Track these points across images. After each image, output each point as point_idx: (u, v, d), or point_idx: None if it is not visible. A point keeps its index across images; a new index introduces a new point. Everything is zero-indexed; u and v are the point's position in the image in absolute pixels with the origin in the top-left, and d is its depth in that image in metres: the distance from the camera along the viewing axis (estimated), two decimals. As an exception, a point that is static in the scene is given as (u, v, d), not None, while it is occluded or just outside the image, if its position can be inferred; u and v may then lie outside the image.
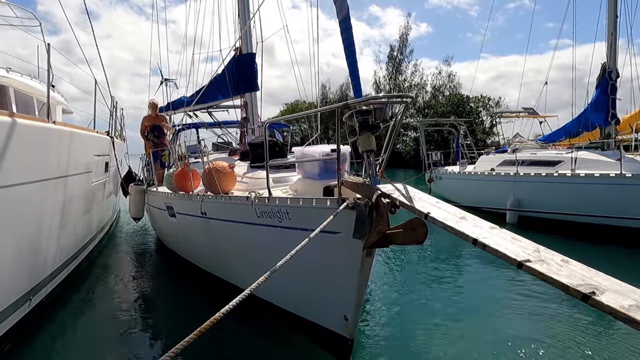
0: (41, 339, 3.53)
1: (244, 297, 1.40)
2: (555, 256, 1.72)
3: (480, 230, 1.92)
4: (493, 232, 1.92)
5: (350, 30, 3.58)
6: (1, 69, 5.90)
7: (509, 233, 1.91)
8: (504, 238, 1.87)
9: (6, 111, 3.35)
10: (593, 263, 1.71)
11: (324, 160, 3.19)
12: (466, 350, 3.16)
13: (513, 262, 1.66)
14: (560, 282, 1.53)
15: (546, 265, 1.63)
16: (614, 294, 1.47)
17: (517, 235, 1.94)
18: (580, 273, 1.59)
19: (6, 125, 3.10)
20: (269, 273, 1.58)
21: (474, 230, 1.91)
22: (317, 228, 2.04)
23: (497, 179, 8.92)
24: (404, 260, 5.91)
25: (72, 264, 4.96)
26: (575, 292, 1.49)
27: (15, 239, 3.38)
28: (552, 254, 1.76)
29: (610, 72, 9.05)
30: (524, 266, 1.63)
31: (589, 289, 1.49)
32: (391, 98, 2.46)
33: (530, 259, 1.68)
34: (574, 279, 1.54)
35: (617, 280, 1.57)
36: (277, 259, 1.69)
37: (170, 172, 5.08)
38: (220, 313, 1.28)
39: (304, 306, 3.23)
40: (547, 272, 1.59)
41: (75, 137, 4.60)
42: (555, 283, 1.54)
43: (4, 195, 3.11)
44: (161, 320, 4.07)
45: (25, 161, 3.43)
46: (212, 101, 7.18)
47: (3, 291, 3.19)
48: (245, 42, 6.45)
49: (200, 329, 1.22)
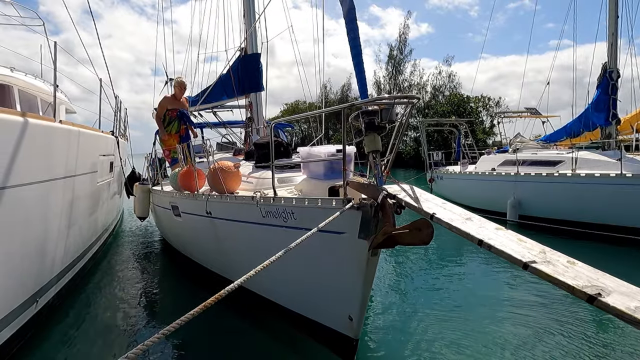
0: (48, 341, 3.54)
1: (236, 287, 1.49)
2: (561, 257, 1.73)
3: (486, 232, 1.94)
4: (498, 234, 1.94)
5: (356, 32, 3.58)
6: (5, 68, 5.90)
7: (515, 234, 1.93)
8: (510, 239, 1.88)
9: (18, 111, 3.35)
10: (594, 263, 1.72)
11: (329, 161, 3.20)
12: (472, 351, 3.17)
13: (519, 263, 1.68)
14: (566, 283, 1.54)
15: (552, 267, 1.65)
16: (620, 295, 1.48)
17: (522, 237, 1.95)
18: (586, 274, 1.61)
19: (18, 124, 3.10)
20: (267, 262, 1.60)
21: (480, 232, 1.92)
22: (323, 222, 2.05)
23: (498, 179, 8.93)
24: (409, 260, 5.92)
25: (77, 264, 4.97)
26: (581, 294, 1.50)
27: (23, 239, 3.38)
28: (558, 255, 1.77)
29: (611, 72, 9.05)
30: (530, 267, 1.65)
31: (595, 290, 1.50)
32: (398, 99, 2.46)
33: (536, 260, 1.69)
34: (580, 281, 1.55)
35: (623, 281, 1.58)
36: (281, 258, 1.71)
37: (175, 172, 5.11)
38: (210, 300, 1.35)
39: (309, 306, 3.24)
40: (553, 273, 1.60)
41: (82, 137, 4.62)
42: (561, 284, 1.56)
43: (14, 195, 3.10)
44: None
45: (35, 161, 3.44)
46: (217, 101, 7.20)
47: (10, 293, 3.19)
48: (251, 43, 6.47)
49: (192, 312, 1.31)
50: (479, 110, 29.74)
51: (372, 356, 3.19)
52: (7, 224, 3.07)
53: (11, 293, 3.20)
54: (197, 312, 1.30)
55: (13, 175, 3.04)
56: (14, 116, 3.10)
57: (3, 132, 2.97)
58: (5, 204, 2.98)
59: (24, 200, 3.29)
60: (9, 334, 3.16)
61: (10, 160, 3.01)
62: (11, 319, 3.16)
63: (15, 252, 3.24)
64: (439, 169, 12.82)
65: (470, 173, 10.47)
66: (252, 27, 6.32)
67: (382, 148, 2.58)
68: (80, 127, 4.70)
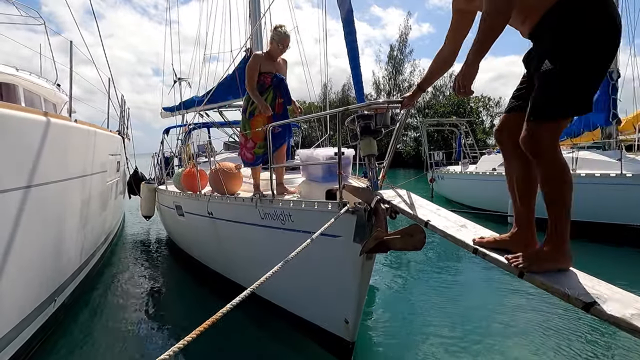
0: (66, 339, 3.57)
1: (245, 297, 1.44)
2: (556, 264, 1.71)
3: (481, 239, 1.91)
4: (494, 241, 1.91)
5: (354, 34, 3.57)
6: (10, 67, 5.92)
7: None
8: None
9: (41, 110, 3.39)
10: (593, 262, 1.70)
11: (327, 164, 3.19)
12: (469, 355, 3.16)
13: (514, 271, 1.66)
14: (562, 291, 1.53)
15: (547, 274, 1.63)
16: (616, 302, 1.46)
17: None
18: (582, 282, 1.59)
19: (42, 124, 3.13)
20: (270, 273, 1.60)
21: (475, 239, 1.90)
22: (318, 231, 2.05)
23: (499, 179, 8.91)
24: (407, 263, 5.91)
25: (90, 262, 5.02)
26: (576, 302, 1.48)
27: (45, 238, 3.41)
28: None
29: (611, 73, 9.02)
30: (525, 275, 1.63)
31: (591, 298, 1.48)
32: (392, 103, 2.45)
33: (531, 267, 1.67)
34: (576, 288, 1.54)
35: (618, 288, 1.57)
36: (280, 260, 1.71)
37: (178, 172, 5.20)
38: (220, 312, 1.33)
39: (306, 308, 3.25)
40: (548, 281, 1.58)
41: (94, 136, 4.67)
42: (557, 292, 1.54)
43: (39, 194, 3.13)
44: (178, 319, 4.11)
45: (55, 160, 3.48)
46: (222, 101, 7.25)
47: (32, 292, 3.21)
48: (256, 43, 6.48)
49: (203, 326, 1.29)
50: (479, 110, 29.73)
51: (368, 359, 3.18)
52: (33, 221, 3.10)
53: (32, 292, 3.21)
54: (214, 321, 1.32)
55: (38, 173, 3.08)
56: (38, 116, 3.14)
57: (30, 131, 3.02)
58: (31, 201, 3.00)
59: (46, 199, 3.32)
60: (30, 333, 3.17)
61: (36, 159, 3.06)
62: (32, 318, 3.17)
63: (38, 250, 3.27)
64: (440, 168, 12.80)
65: (471, 173, 10.46)
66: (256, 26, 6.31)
67: (379, 151, 2.57)
68: (94, 126, 4.75)
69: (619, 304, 1.46)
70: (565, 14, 1.49)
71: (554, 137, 1.59)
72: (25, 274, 3.04)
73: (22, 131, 2.91)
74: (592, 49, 1.46)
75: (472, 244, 1.84)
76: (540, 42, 1.61)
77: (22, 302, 3.03)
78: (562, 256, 1.61)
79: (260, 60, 3.64)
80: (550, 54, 1.51)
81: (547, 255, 1.61)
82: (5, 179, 2.68)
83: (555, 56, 1.50)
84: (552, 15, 1.53)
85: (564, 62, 1.48)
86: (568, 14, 1.48)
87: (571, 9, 1.48)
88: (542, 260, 1.61)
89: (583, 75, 1.49)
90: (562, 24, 1.49)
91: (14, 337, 2.89)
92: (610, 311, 1.41)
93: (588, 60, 1.47)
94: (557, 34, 1.50)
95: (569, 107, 1.54)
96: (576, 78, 1.49)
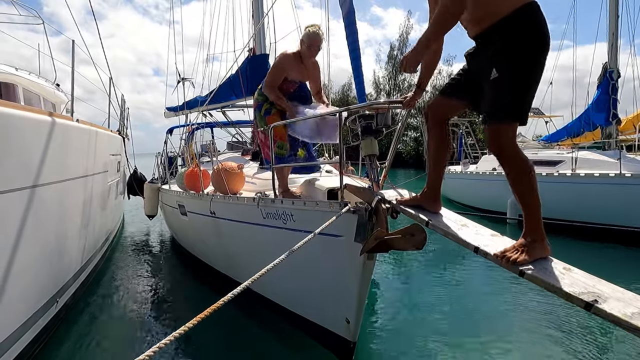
0: (68, 341, 3.57)
1: (243, 289, 1.53)
2: (557, 264, 1.72)
3: (482, 238, 1.93)
4: (495, 240, 1.93)
5: (355, 35, 3.56)
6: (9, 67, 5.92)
7: (511, 241, 1.91)
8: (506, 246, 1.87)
9: (45, 110, 3.38)
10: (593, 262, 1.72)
11: (316, 123, 3.12)
12: (471, 354, 3.17)
13: (515, 270, 1.67)
14: (563, 290, 1.54)
15: (548, 273, 1.64)
16: (617, 302, 1.47)
17: (518, 243, 1.93)
18: (583, 281, 1.60)
19: (47, 124, 3.13)
20: (266, 269, 1.64)
21: (476, 238, 1.92)
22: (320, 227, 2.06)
23: (499, 179, 8.92)
24: (407, 263, 5.91)
25: (91, 263, 5.02)
26: (577, 301, 1.49)
27: (47, 239, 3.41)
28: (554, 261, 1.76)
29: (611, 72, 9.03)
30: (526, 275, 1.64)
31: (592, 297, 1.49)
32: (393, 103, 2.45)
33: (532, 267, 1.68)
34: (576, 287, 1.55)
35: (619, 287, 1.57)
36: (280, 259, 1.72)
37: (181, 172, 5.21)
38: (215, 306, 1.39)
39: (307, 307, 3.26)
40: (549, 280, 1.59)
41: (96, 136, 4.67)
42: (558, 291, 1.55)
43: (43, 194, 3.13)
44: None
45: (58, 160, 3.47)
46: (225, 101, 7.24)
47: (35, 293, 3.20)
48: (259, 43, 6.48)
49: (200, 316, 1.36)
50: (480, 110, 29.62)
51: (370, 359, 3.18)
52: (36, 222, 3.09)
53: (35, 293, 3.21)
54: (208, 313, 1.40)
55: (40, 174, 3.07)
56: (41, 115, 3.14)
57: (33, 131, 3.01)
58: (34, 202, 2.99)
59: (48, 199, 3.32)
60: (33, 334, 3.16)
61: (38, 159, 3.05)
62: (35, 320, 3.17)
63: (40, 251, 3.27)
64: (440, 168, 12.78)
65: (471, 173, 10.47)
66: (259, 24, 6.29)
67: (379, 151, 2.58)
68: (95, 126, 4.76)
69: (620, 303, 1.47)
70: (508, 30, 1.70)
71: (512, 136, 1.79)
72: (28, 275, 3.03)
73: (25, 131, 2.90)
74: (530, 61, 1.70)
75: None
76: (486, 46, 1.82)
77: (25, 303, 3.03)
78: (544, 241, 1.77)
79: (288, 62, 3.26)
80: (497, 63, 1.73)
81: (535, 245, 1.74)
82: (7, 180, 2.67)
83: (502, 66, 1.71)
84: (496, 29, 1.73)
85: (509, 73, 1.70)
86: (510, 30, 1.69)
87: (512, 27, 1.69)
88: (531, 250, 1.73)
89: (524, 83, 1.72)
90: (504, 38, 1.71)
91: (18, 338, 2.89)
92: (611, 310, 1.42)
93: (527, 70, 1.70)
94: (503, 45, 1.71)
95: (516, 111, 1.75)
96: (519, 86, 1.71)
